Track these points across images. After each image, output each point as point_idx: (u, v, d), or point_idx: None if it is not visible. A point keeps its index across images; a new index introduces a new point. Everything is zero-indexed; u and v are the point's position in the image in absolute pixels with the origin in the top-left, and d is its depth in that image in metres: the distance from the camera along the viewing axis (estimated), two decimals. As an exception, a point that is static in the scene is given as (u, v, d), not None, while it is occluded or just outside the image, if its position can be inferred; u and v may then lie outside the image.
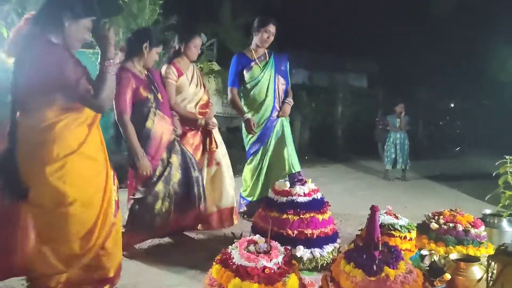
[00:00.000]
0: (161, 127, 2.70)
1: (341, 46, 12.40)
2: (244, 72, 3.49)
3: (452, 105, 12.63)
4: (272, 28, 3.45)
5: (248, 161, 3.68)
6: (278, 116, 3.55)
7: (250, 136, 3.57)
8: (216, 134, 3.37)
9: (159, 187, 2.69)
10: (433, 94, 11.74)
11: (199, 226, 3.26)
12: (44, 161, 1.64)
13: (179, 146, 2.87)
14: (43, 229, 1.69)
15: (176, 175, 2.78)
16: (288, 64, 3.70)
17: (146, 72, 2.74)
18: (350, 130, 10.24)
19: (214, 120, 3.34)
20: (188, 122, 3.15)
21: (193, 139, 3.21)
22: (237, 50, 8.74)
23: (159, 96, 2.74)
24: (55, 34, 1.71)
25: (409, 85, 11.65)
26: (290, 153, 3.53)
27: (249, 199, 3.64)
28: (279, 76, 3.56)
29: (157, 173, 2.70)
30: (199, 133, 3.25)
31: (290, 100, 3.60)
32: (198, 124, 3.17)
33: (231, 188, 3.38)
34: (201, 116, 3.20)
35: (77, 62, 1.72)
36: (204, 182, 3.11)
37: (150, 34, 2.74)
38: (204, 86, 3.36)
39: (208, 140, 3.25)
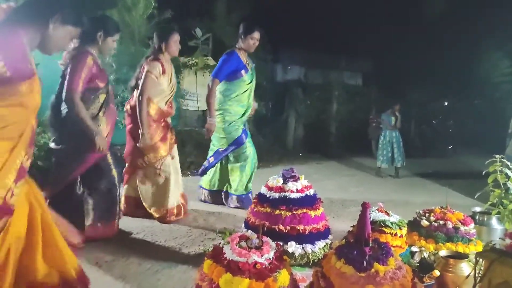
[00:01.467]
0: (108, 118, 2.71)
1: (336, 44, 12.43)
2: (243, 72, 3.66)
3: (445, 104, 12.73)
4: (257, 35, 3.64)
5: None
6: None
7: (226, 137, 3.74)
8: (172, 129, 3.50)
9: (114, 174, 2.78)
10: (426, 93, 11.82)
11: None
12: None
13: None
14: None
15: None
16: None
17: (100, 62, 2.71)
18: (344, 127, 10.30)
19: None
20: (155, 119, 3.23)
21: (161, 131, 3.27)
22: (232, 45, 8.77)
23: (109, 87, 2.72)
24: (31, 31, 1.52)
25: (403, 84, 11.72)
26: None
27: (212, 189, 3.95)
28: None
29: (109, 160, 2.76)
30: (162, 125, 3.30)
31: (255, 104, 3.99)
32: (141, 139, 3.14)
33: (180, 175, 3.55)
34: (149, 137, 3.18)
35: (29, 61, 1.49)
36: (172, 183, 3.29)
37: (105, 22, 2.68)
38: (174, 86, 3.42)
39: (169, 133, 3.36)
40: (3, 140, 1.40)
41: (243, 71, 3.65)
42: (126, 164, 3.38)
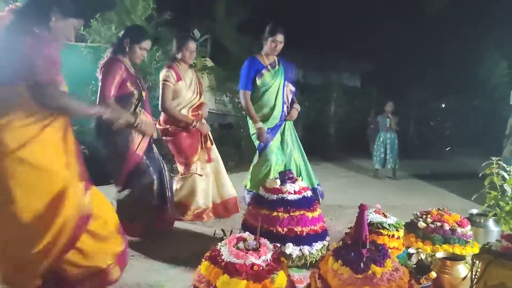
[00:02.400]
0: (143, 125, 2.69)
1: (335, 46, 12.44)
2: (258, 76, 3.53)
3: (443, 105, 12.78)
4: (279, 37, 3.48)
5: (260, 158, 3.62)
6: (285, 120, 3.63)
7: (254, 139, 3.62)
8: (209, 132, 3.56)
9: (142, 183, 2.76)
10: (425, 94, 11.86)
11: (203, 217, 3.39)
12: None
13: (154, 148, 2.94)
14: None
15: (152, 175, 2.82)
16: (293, 72, 3.79)
17: (133, 69, 2.77)
18: (343, 129, 10.32)
19: (207, 126, 3.49)
20: (181, 123, 3.33)
21: (190, 138, 3.36)
22: (231, 48, 8.76)
23: (144, 94, 2.77)
24: (39, 26, 1.64)
25: (401, 85, 11.75)
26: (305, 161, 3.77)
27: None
28: (288, 83, 3.65)
29: (140, 170, 2.75)
30: (194, 131, 3.38)
31: (298, 106, 3.73)
32: (191, 127, 3.33)
33: (229, 179, 3.61)
34: (193, 118, 3.35)
35: (55, 54, 1.64)
36: (210, 180, 3.41)
37: (131, 31, 2.80)
38: (200, 94, 3.47)
39: (203, 138, 3.45)
40: None
41: (263, 71, 3.51)
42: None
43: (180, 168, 3.45)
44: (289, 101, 3.68)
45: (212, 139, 3.53)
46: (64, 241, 1.64)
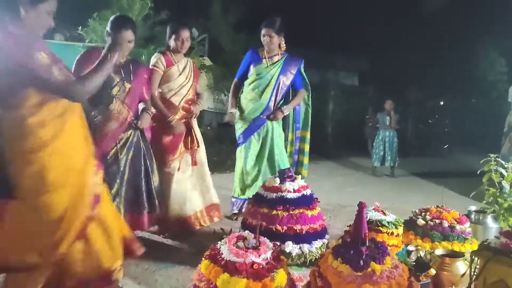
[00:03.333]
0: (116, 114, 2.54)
1: (332, 44, 12.44)
2: (251, 66, 3.48)
3: (442, 103, 12.79)
4: (268, 31, 3.35)
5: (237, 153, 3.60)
6: (268, 118, 3.46)
7: (239, 127, 3.55)
8: (198, 133, 3.27)
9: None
10: (423, 92, 11.88)
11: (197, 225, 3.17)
12: (19, 157, 1.63)
13: (139, 142, 2.68)
14: (17, 223, 1.68)
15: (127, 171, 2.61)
16: (300, 69, 3.62)
17: (123, 61, 2.62)
18: (341, 127, 10.33)
19: (183, 128, 3.10)
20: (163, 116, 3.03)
21: (172, 135, 3.07)
22: (228, 46, 8.75)
23: (127, 85, 2.58)
24: (13, 23, 1.61)
25: (399, 83, 11.77)
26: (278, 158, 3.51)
27: (241, 197, 3.52)
28: (283, 78, 3.49)
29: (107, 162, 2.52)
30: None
31: (285, 108, 3.51)
32: (167, 120, 3.00)
33: (212, 185, 3.32)
34: (173, 116, 3.04)
35: (38, 53, 1.63)
36: (188, 183, 3.11)
37: (112, 21, 2.56)
38: (194, 84, 3.23)
39: (190, 138, 3.15)
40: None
41: (258, 61, 3.43)
42: None
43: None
44: (278, 99, 3.50)
45: (198, 140, 3.22)
46: (79, 220, 1.73)
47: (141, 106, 2.75)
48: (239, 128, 3.55)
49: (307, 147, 3.78)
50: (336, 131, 10.32)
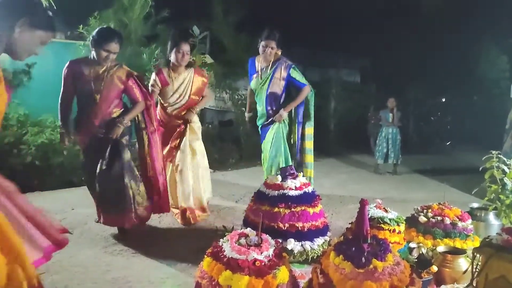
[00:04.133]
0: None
1: (334, 42, 12.40)
2: (252, 77, 3.62)
3: (443, 100, 12.76)
4: (269, 43, 3.38)
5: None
6: (273, 121, 3.52)
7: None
8: (198, 130, 3.48)
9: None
10: (425, 90, 11.84)
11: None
12: None
13: (116, 148, 2.84)
14: None
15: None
16: (290, 74, 3.57)
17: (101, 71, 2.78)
18: (343, 125, 10.31)
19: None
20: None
21: (165, 134, 3.33)
22: (230, 43, 8.74)
23: (96, 96, 2.77)
24: None
25: (401, 81, 11.73)
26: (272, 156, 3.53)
27: None
28: (273, 87, 3.51)
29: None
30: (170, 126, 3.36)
31: (285, 109, 3.51)
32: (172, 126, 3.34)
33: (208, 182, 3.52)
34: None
35: None
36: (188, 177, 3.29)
37: (96, 34, 2.74)
38: (194, 94, 3.38)
39: (182, 131, 3.37)
40: None
41: (254, 76, 3.57)
42: None
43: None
44: (274, 103, 3.54)
45: (191, 130, 3.38)
46: None
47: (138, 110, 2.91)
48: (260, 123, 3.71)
49: (310, 145, 3.69)
50: (338, 129, 10.30)
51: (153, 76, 3.30)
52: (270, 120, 3.52)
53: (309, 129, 3.68)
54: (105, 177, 2.78)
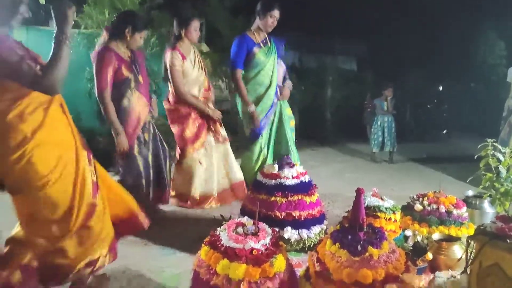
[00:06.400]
0: (138, 106, 2.80)
1: (331, 29, 12.31)
2: (254, 52, 3.35)
3: (440, 88, 12.74)
4: (277, 13, 3.33)
5: (251, 147, 3.51)
6: (278, 100, 3.47)
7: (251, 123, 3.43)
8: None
9: (139, 163, 2.84)
10: (422, 77, 11.80)
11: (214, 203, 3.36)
12: (5, 153, 1.63)
13: (154, 129, 3.02)
14: (24, 213, 1.73)
15: (149, 155, 2.93)
16: (283, 49, 3.64)
17: (129, 54, 2.79)
18: (339, 113, 10.29)
19: (218, 112, 3.40)
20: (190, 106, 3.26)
21: (197, 119, 3.29)
22: (226, 32, 8.63)
23: (140, 78, 2.82)
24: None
25: (398, 68, 11.69)
26: (290, 137, 3.56)
27: None
28: (280, 61, 3.52)
29: (135, 151, 2.84)
30: (199, 115, 3.31)
31: (290, 84, 3.59)
32: (207, 115, 3.29)
33: (236, 163, 3.51)
34: (207, 106, 3.29)
35: (13, 45, 1.63)
36: (215, 165, 3.33)
37: (134, 19, 2.78)
38: (205, 70, 3.39)
39: (210, 119, 3.35)
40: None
41: (255, 48, 3.34)
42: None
43: (177, 154, 3.39)
44: (281, 81, 3.54)
45: (220, 120, 3.44)
46: (84, 210, 1.76)
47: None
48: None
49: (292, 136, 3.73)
50: (334, 117, 10.28)
51: (170, 52, 3.12)
52: (277, 100, 3.45)
53: (293, 122, 3.70)
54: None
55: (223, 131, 3.45)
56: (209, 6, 8.54)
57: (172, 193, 3.33)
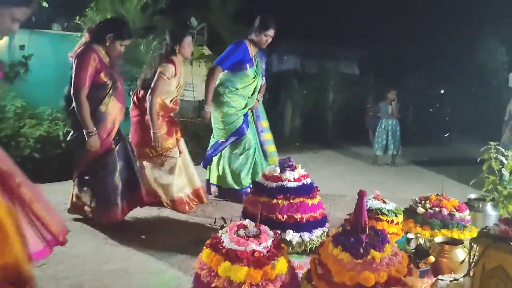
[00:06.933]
0: (114, 112, 2.80)
1: (332, 33, 12.35)
2: (247, 66, 3.54)
3: (442, 92, 12.74)
4: (271, 32, 3.51)
5: (225, 150, 3.72)
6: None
7: (225, 128, 3.64)
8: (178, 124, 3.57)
9: (114, 165, 2.82)
10: (423, 81, 11.81)
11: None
12: None
13: (122, 134, 2.99)
14: None
15: (123, 158, 2.92)
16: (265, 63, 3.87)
17: (108, 59, 2.78)
18: (341, 116, 10.30)
19: (161, 138, 3.31)
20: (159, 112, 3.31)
21: (161, 127, 3.32)
22: (228, 35, 8.67)
23: (118, 84, 2.82)
24: None
25: (400, 72, 11.70)
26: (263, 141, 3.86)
27: (238, 187, 3.70)
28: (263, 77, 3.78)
29: (109, 156, 2.81)
30: (165, 121, 3.36)
31: (259, 97, 3.82)
32: (152, 132, 3.24)
33: (194, 169, 3.60)
34: (159, 130, 3.26)
35: None
36: (177, 170, 3.37)
37: (118, 27, 2.78)
38: (181, 85, 3.45)
39: (174, 129, 3.42)
40: None
41: (248, 65, 3.53)
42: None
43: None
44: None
45: (180, 132, 3.52)
46: None
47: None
48: (234, 121, 3.61)
49: (270, 136, 3.98)
50: (336, 120, 10.29)
51: (166, 64, 3.19)
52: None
53: (264, 122, 3.95)
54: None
55: (182, 146, 3.51)
56: (211, 11, 8.59)
57: (159, 194, 3.40)
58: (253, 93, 3.67)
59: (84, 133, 2.66)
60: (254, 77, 3.62)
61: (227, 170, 3.69)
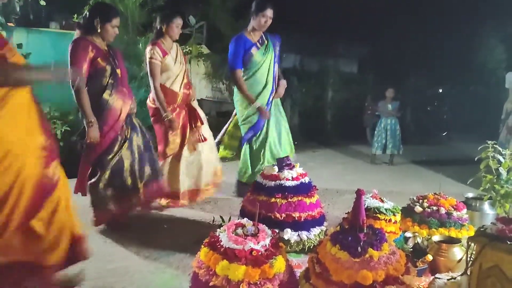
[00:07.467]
0: (119, 100, 2.74)
1: (332, 31, 12.31)
2: (252, 52, 3.47)
3: (440, 90, 12.75)
4: (269, 13, 3.43)
5: (246, 145, 3.67)
6: (272, 98, 3.60)
7: (247, 121, 3.57)
8: (200, 111, 3.50)
9: (124, 160, 2.77)
10: (422, 79, 11.82)
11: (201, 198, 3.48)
12: None
13: (138, 124, 2.94)
14: None
15: (135, 151, 2.86)
16: (280, 46, 3.70)
17: (106, 47, 2.75)
18: (340, 115, 10.30)
19: (177, 124, 3.32)
20: (171, 103, 3.28)
21: (178, 118, 3.31)
22: (227, 33, 8.65)
23: (118, 71, 2.75)
24: None
25: (399, 70, 11.70)
26: (289, 133, 3.73)
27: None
28: (276, 59, 3.61)
29: (116, 148, 2.75)
30: (184, 111, 3.35)
31: (284, 82, 3.67)
32: (162, 117, 3.22)
33: (219, 162, 3.59)
34: (170, 113, 3.25)
35: None
36: (202, 159, 3.39)
37: (100, 9, 2.74)
38: (186, 68, 3.44)
39: (193, 118, 3.38)
40: None
41: (252, 50, 3.47)
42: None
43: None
44: (277, 79, 3.63)
45: (201, 118, 3.45)
46: (23, 208, 1.64)
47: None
48: (251, 116, 3.55)
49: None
50: (335, 119, 10.30)
51: (151, 48, 3.16)
52: (272, 98, 3.54)
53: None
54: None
55: (204, 132, 3.45)
56: (210, 8, 8.56)
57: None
58: (267, 78, 3.53)
59: (84, 124, 2.63)
60: (263, 57, 3.51)
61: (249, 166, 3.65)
